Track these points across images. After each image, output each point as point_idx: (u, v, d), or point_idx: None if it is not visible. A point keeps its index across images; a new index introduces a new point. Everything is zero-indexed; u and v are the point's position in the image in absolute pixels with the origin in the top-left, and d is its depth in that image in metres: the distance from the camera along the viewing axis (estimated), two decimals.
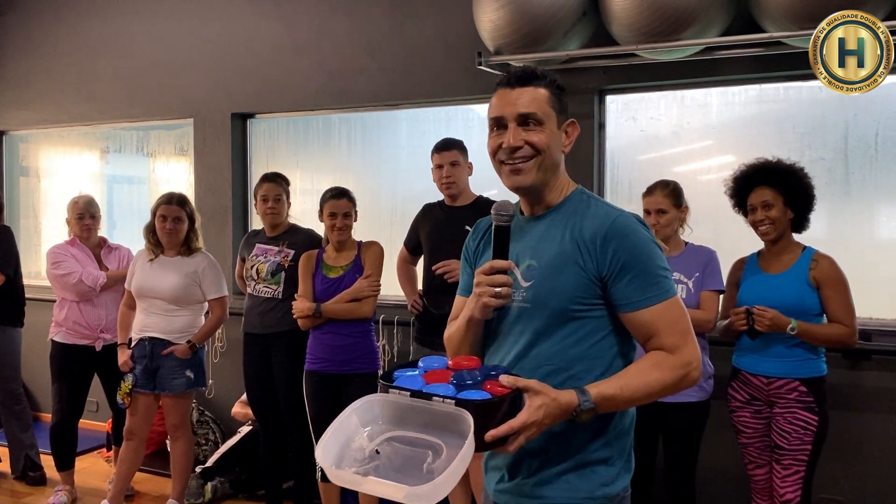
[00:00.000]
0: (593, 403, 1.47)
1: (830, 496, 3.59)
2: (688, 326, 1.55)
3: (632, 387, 1.50)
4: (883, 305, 3.60)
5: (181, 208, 3.81)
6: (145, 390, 3.78)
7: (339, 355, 3.48)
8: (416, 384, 1.50)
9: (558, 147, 1.65)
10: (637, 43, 3.51)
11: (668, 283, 1.55)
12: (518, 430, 1.41)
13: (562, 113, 1.66)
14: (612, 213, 1.59)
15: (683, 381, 1.53)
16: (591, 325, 1.57)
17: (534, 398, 1.43)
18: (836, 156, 3.71)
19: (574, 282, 1.56)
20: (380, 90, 4.60)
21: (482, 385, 1.45)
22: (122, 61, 5.43)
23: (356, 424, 1.48)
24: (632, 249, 1.54)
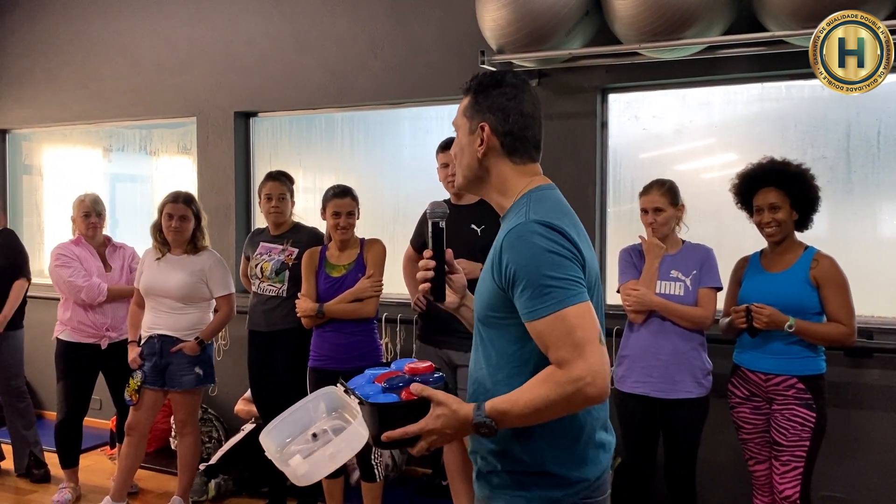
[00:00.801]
0: (487, 417, 1.47)
1: (832, 493, 3.60)
2: (583, 338, 1.44)
3: (521, 402, 1.46)
4: (885, 304, 3.61)
5: (187, 207, 3.83)
6: (154, 387, 3.80)
7: (343, 353, 3.49)
8: (358, 383, 1.64)
9: (470, 154, 1.66)
10: (639, 42, 3.52)
11: (561, 293, 1.45)
12: (414, 434, 1.49)
13: (474, 117, 1.66)
14: (518, 220, 1.55)
15: (575, 397, 1.43)
16: (510, 332, 1.56)
17: (436, 408, 1.50)
18: (838, 154, 3.72)
19: (489, 290, 1.58)
20: (382, 88, 4.61)
21: (401, 390, 1.55)
22: (125, 60, 5.45)
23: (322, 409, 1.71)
24: (519, 260, 1.49)
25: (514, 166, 1.65)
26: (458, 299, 1.80)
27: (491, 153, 1.64)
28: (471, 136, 1.65)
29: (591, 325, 1.46)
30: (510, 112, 1.64)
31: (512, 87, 1.65)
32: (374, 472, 3.54)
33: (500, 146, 1.64)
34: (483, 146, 1.64)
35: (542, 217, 1.53)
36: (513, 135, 1.64)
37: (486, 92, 1.65)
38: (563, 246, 1.50)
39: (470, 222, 3.43)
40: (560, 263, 1.48)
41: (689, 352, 3.09)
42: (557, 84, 4.11)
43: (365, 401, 1.53)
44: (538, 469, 1.57)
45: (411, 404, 1.51)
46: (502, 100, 1.64)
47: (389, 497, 3.95)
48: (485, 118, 1.64)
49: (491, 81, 1.66)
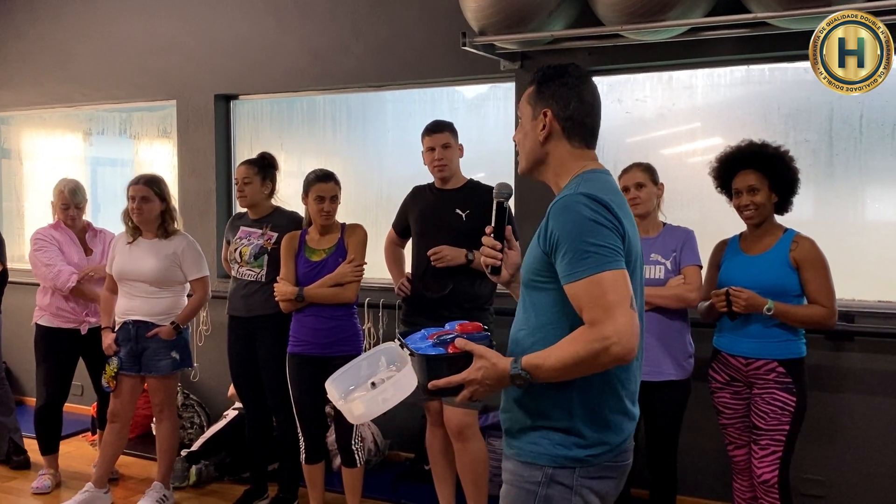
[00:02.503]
0: (523, 370, 1.62)
1: (812, 476, 3.62)
2: (614, 301, 1.55)
3: (553, 357, 1.59)
4: (866, 287, 3.61)
5: (147, 188, 3.76)
6: (131, 373, 3.77)
7: (322, 338, 3.46)
8: (413, 339, 1.84)
9: (532, 138, 1.80)
10: (622, 23, 3.49)
11: (597, 259, 1.58)
12: (459, 384, 1.66)
13: (537, 104, 1.80)
14: (566, 192, 1.69)
15: (602, 356, 1.55)
16: (551, 296, 1.68)
17: (477, 360, 1.66)
18: (821, 137, 3.71)
19: (534, 256, 1.72)
20: (364, 71, 4.56)
21: (448, 345, 1.71)
22: (104, 42, 5.37)
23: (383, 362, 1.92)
24: (563, 227, 1.62)
25: (572, 150, 1.79)
26: (510, 275, 1.91)
27: (552, 137, 1.79)
28: (534, 122, 1.80)
29: (622, 290, 1.57)
30: (571, 99, 1.77)
31: (573, 78, 1.79)
32: (354, 457, 3.52)
33: (561, 130, 1.78)
34: (545, 130, 1.78)
35: (589, 191, 1.65)
36: (572, 120, 1.78)
37: (549, 81, 1.80)
38: (604, 216, 1.61)
39: (455, 207, 3.41)
40: (600, 232, 1.60)
41: (673, 334, 3.09)
42: (540, 66, 4.06)
43: (415, 352, 1.71)
44: (565, 426, 1.68)
45: (455, 356, 1.67)
46: (564, 89, 1.78)
47: (371, 482, 3.94)
48: (547, 104, 1.78)
49: (554, 72, 1.81)
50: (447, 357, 1.69)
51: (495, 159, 4.25)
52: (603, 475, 1.71)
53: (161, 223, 3.80)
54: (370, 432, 4.35)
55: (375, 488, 4.01)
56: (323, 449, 3.66)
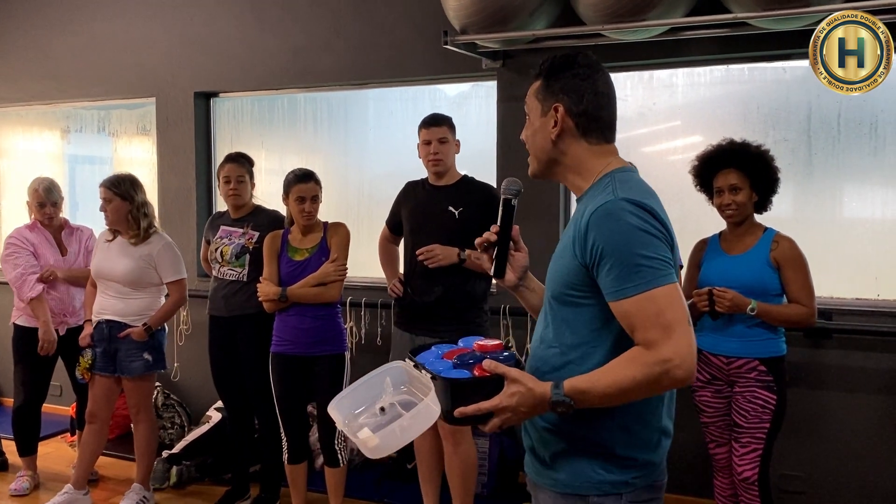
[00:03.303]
0: (566, 396, 1.45)
1: (791, 472, 3.66)
2: (674, 320, 1.43)
3: (604, 382, 1.45)
4: (844, 285, 3.66)
5: (107, 189, 3.72)
6: (105, 373, 3.74)
7: (306, 337, 3.44)
8: (428, 358, 1.66)
9: (543, 137, 1.65)
10: (603, 23, 3.50)
11: (651, 273, 1.44)
12: (489, 412, 1.48)
13: (547, 99, 1.64)
14: (606, 198, 1.52)
15: (661, 380, 1.42)
16: (587, 312, 1.54)
17: (510, 385, 1.48)
18: (800, 136, 3.74)
19: (567, 267, 1.56)
20: (345, 69, 4.54)
21: (473, 367, 1.55)
22: (82, 38, 5.30)
23: (388, 384, 1.69)
24: (608, 237, 1.47)
25: (590, 147, 1.64)
26: (517, 278, 1.77)
27: (565, 134, 1.63)
28: (544, 119, 1.64)
29: (679, 306, 1.45)
30: (584, 92, 1.62)
31: (585, 68, 1.63)
32: (337, 457, 3.51)
33: (575, 127, 1.62)
34: (557, 128, 1.63)
35: (631, 196, 1.51)
36: (587, 115, 1.62)
37: (558, 73, 1.64)
38: (652, 225, 1.48)
39: (448, 204, 3.35)
40: (650, 242, 1.47)
41: None
42: (522, 65, 4.08)
43: (438, 376, 1.53)
44: (608, 450, 1.56)
45: (484, 381, 1.51)
46: (576, 80, 1.62)
47: (354, 482, 3.93)
48: (558, 99, 1.62)
49: (563, 63, 1.65)
50: (475, 381, 1.52)
51: (477, 158, 4.24)
52: (648, 497, 1.61)
53: (129, 224, 3.74)
54: None
55: (358, 488, 4.00)
56: (305, 448, 3.64)
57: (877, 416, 3.55)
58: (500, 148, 4.15)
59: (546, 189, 3.97)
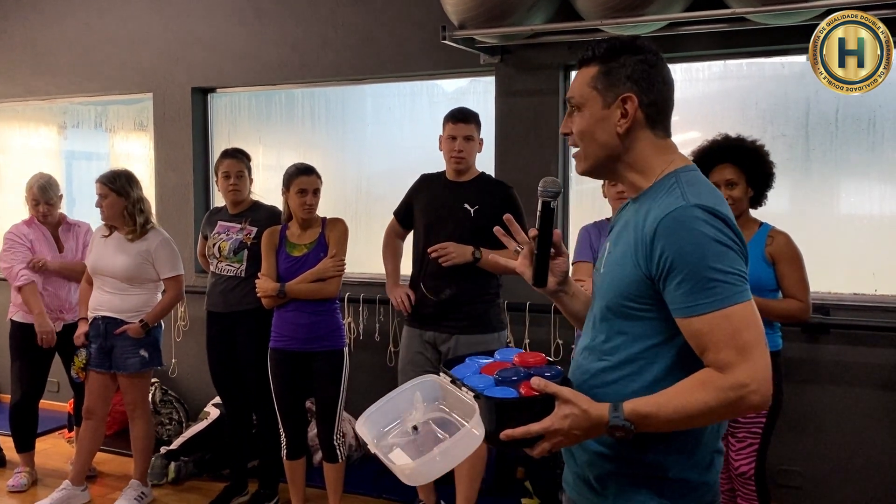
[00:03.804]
0: (626, 421, 1.34)
1: (789, 467, 3.67)
2: (750, 341, 1.32)
3: (671, 407, 1.33)
4: (841, 280, 3.66)
5: (103, 185, 3.71)
6: (101, 369, 3.73)
7: (304, 333, 3.44)
8: (465, 372, 1.51)
9: (607, 130, 1.49)
10: (601, 18, 3.49)
11: (726, 289, 1.33)
12: (537, 434, 1.36)
13: (611, 87, 1.48)
14: (675, 202, 1.39)
15: (737, 406, 1.32)
16: (647, 326, 1.43)
17: (562, 406, 1.36)
18: (798, 132, 3.74)
19: (631, 277, 1.43)
20: (343, 64, 4.53)
21: (519, 384, 1.42)
22: (78, 34, 5.29)
23: (418, 399, 1.54)
24: (681, 248, 1.34)
25: (656, 141, 1.51)
26: (556, 284, 1.64)
27: (634, 128, 1.49)
28: (606, 111, 1.48)
29: (756, 326, 1.34)
30: (654, 80, 1.48)
31: (651, 53, 1.50)
32: (336, 452, 3.51)
33: (645, 119, 1.49)
34: (627, 120, 1.48)
35: (703, 201, 1.38)
36: (657, 105, 1.49)
37: (621, 59, 1.48)
38: (727, 235, 1.36)
39: (464, 201, 3.30)
40: (726, 255, 1.35)
41: None
42: (520, 60, 4.08)
43: (481, 394, 1.40)
44: (660, 475, 1.46)
45: (533, 400, 1.38)
46: (644, 66, 1.48)
47: (353, 477, 3.94)
48: (626, 88, 1.47)
49: (625, 48, 1.49)
50: (523, 401, 1.39)
51: None
52: None
53: (130, 219, 3.73)
54: (351, 427, 4.34)
55: (357, 483, 4.01)
56: (304, 444, 3.64)
57: (874, 411, 3.55)
58: (498, 143, 4.15)
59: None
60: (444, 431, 1.49)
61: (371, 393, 1.77)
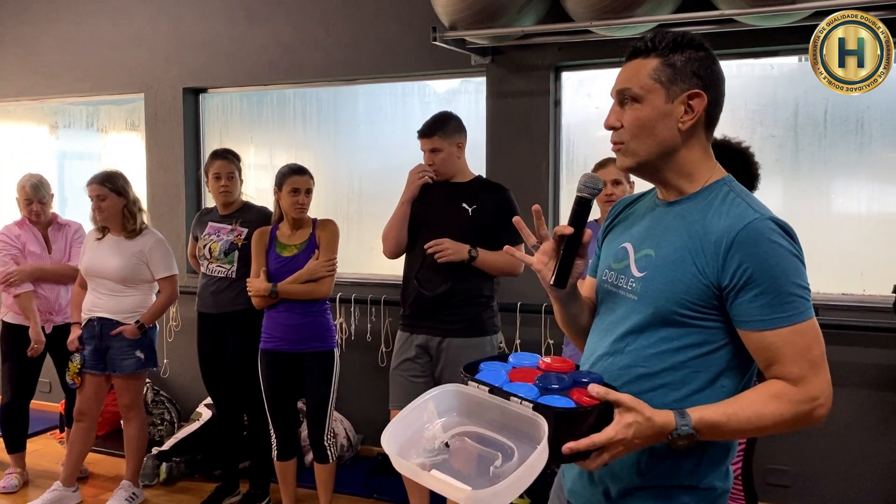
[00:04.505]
0: (693, 429, 1.32)
1: (777, 466, 3.68)
2: (820, 356, 1.35)
3: (743, 417, 1.33)
4: (829, 280, 3.68)
5: (101, 186, 3.70)
6: (95, 371, 3.73)
7: (295, 334, 3.44)
8: (499, 380, 1.41)
9: (668, 126, 1.44)
10: (591, 20, 3.50)
11: (803, 304, 1.34)
12: (601, 446, 1.31)
13: (676, 81, 1.43)
14: (748, 214, 1.38)
15: (807, 418, 1.34)
16: (698, 335, 1.40)
17: (625, 414, 1.31)
18: (787, 132, 3.76)
19: (688, 284, 1.39)
20: (334, 65, 4.54)
21: (569, 392, 1.35)
22: (70, 33, 5.28)
23: (432, 412, 1.42)
24: (763, 262, 1.34)
25: (706, 144, 1.49)
26: (571, 287, 1.56)
27: (696, 126, 1.45)
28: (669, 105, 1.43)
29: (822, 342, 1.37)
30: (718, 79, 1.46)
31: (709, 51, 1.46)
32: (327, 453, 3.52)
33: (705, 118, 1.45)
34: (692, 117, 1.43)
35: (774, 216, 1.40)
36: (718, 105, 1.47)
37: (686, 52, 1.44)
38: (799, 252, 1.39)
39: (462, 201, 3.25)
40: (802, 270, 1.37)
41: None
42: (511, 62, 4.09)
43: (540, 405, 1.30)
44: (698, 482, 1.44)
45: (592, 409, 1.31)
46: (708, 63, 1.45)
47: (344, 477, 3.94)
48: (694, 83, 1.43)
49: (688, 42, 1.45)
50: (583, 411, 1.31)
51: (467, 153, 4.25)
52: None
53: (125, 219, 3.73)
54: (343, 427, 4.34)
55: (348, 483, 4.01)
56: (295, 445, 3.65)
57: (862, 410, 3.57)
58: (490, 144, 4.16)
59: (532, 187, 3.98)
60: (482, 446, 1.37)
61: (362, 393, 1.74)
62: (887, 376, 3.52)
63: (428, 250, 3.17)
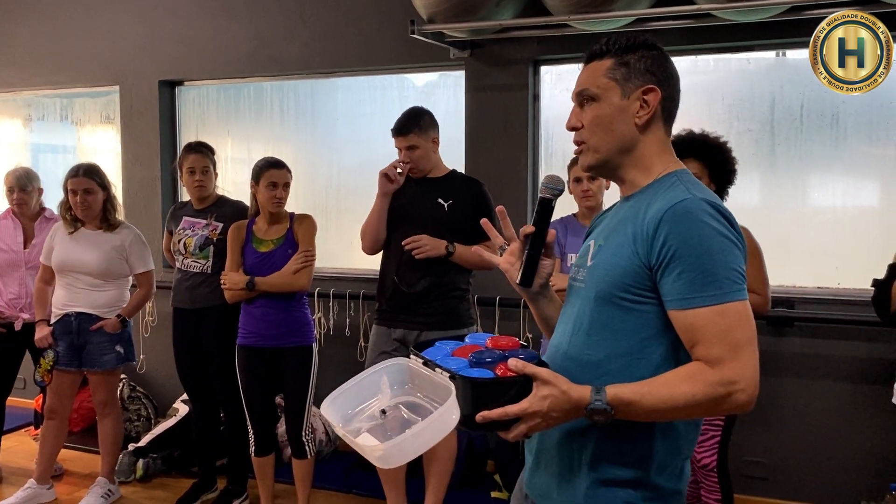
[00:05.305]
0: (607, 405, 1.31)
1: (753, 458, 3.72)
2: (744, 339, 1.31)
3: (656, 396, 1.31)
4: (806, 274, 3.71)
5: (89, 179, 3.66)
6: (70, 368, 3.68)
7: (273, 329, 3.41)
8: (438, 355, 1.48)
9: (625, 122, 1.48)
10: (569, 13, 3.50)
11: (729, 285, 1.32)
12: (516, 416, 1.32)
13: (630, 78, 1.47)
14: (680, 195, 1.38)
15: (723, 402, 1.31)
16: (639, 319, 1.40)
17: (541, 388, 1.32)
18: (763, 127, 3.78)
19: (626, 267, 1.40)
20: (312, 57, 4.50)
21: (495, 366, 1.38)
22: (43, 25, 5.20)
23: (385, 384, 1.51)
24: (688, 239, 1.33)
25: (664, 138, 1.51)
26: (539, 286, 1.59)
27: (652, 121, 1.48)
28: (625, 101, 1.47)
29: (751, 327, 1.33)
30: (671, 75, 1.51)
31: (661, 50, 1.52)
32: (305, 448, 3.50)
33: (661, 112, 1.49)
34: (648, 111, 1.47)
35: (710, 197, 1.38)
36: (673, 100, 1.51)
37: (638, 52, 1.49)
38: (732, 234, 1.36)
39: (436, 196, 3.26)
40: (731, 251, 1.34)
41: None
42: (489, 56, 4.08)
43: (457, 375, 1.35)
44: (636, 477, 1.42)
45: (510, 381, 1.33)
46: (661, 60, 1.50)
47: (322, 473, 3.93)
48: (648, 79, 1.47)
49: (639, 43, 1.51)
50: (500, 382, 1.34)
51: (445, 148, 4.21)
52: None
53: (104, 213, 3.70)
54: (321, 423, 4.33)
55: (326, 479, 4.00)
56: (273, 441, 3.63)
57: (837, 402, 3.61)
58: (469, 138, 4.14)
59: (511, 181, 3.98)
60: (414, 415, 1.46)
61: None
62: (861, 369, 3.56)
63: (406, 247, 3.17)
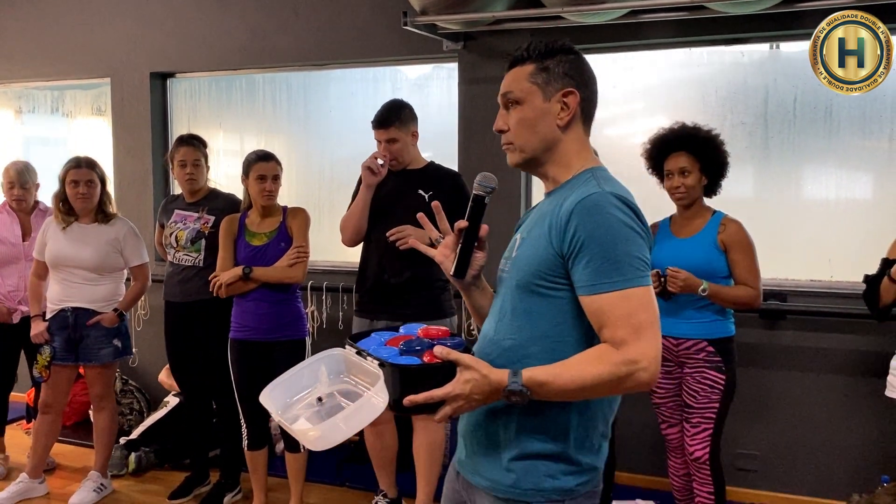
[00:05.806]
0: (523, 386, 1.41)
1: (746, 451, 3.72)
2: (646, 322, 1.41)
3: (567, 376, 1.41)
4: (798, 267, 3.71)
5: (91, 171, 3.66)
6: (66, 362, 3.67)
7: (265, 323, 3.40)
8: (372, 345, 1.58)
9: (548, 124, 1.57)
10: (563, 6, 3.48)
11: (632, 271, 1.42)
12: (440, 399, 1.42)
13: (552, 82, 1.57)
14: (591, 189, 1.48)
15: (626, 381, 1.40)
16: (555, 305, 1.50)
17: (464, 372, 1.43)
18: (757, 120, 3.77)
19: (542, 256, 1.50)
20: (304, 49, 4.48)
21: (423, 353, 1.48)
22: (34, 16, 5.16)
23: (322, 373, 1.61)
24: (595, 230, 1.43)
25: (583, 137, 1.61)
26: (472, 278, 1.70)
27: (572, 122, 1.58)
28: (547, 104, 1.57)
29: (653, 309, 1.44)
30: (589, 77, 1.60)
31: (579, 54, 1.61)
32: (298, 442, 3.49)
33: (580, 113, 1.59)
34: (568, 113, 1.57)
35: (618, 191, 1.48)
36: (591, 102, 1.61)
37: (557, 56, 1.58)
38: (637, 224, 1.46)
39: (417, 187, 3.28)
40: (634, 240, 1.44)
41: None
42: (483, 48, 4.06)
43: (385, 362, 1.46)
44: (555, 451, 1.52)
45: (435, 367, 1.45)
46: (578, 63, 1.59)
47: (315, 466, 3.91)
48: (567, 82, 1.57)
49: (558, 47, 1.59)
50: (425, 368, 1.45)
51: (439, 140, 4.22)
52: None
53: (101, 206, 3.69)
54: None
55: (319, 472, 3.99)
56: (266, 434, 3.62)
57: (829, 395, 3.62)
58: (462, 130, 4.13)
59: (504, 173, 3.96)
60: (349, 401, 1.54)
61: None
62: (853, 361, 3.57)
63: (390, 238, 3.19)
